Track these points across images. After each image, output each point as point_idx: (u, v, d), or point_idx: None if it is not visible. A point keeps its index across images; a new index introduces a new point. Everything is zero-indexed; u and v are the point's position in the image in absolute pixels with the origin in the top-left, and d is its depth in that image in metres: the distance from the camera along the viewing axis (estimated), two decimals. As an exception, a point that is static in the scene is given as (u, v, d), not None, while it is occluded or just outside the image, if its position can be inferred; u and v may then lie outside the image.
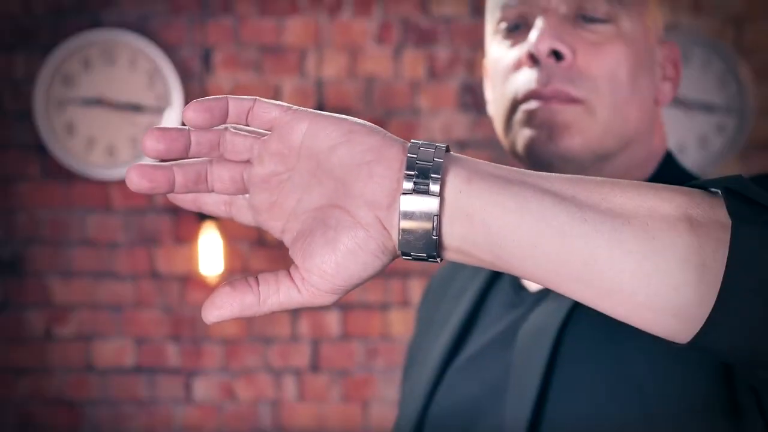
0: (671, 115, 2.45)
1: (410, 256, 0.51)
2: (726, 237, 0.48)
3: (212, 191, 0.55)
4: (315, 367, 2.57)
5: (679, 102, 2.47)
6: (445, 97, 2.56)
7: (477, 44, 2.53)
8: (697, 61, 2.48)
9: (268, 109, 0.53)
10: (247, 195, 0.55)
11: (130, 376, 2.56)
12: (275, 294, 0.53)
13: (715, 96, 2.49)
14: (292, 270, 0.53)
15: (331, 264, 0.51)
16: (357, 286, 0.52)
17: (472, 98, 2.55)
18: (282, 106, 0.53)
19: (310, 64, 2.56)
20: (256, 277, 0.53)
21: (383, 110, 2.55)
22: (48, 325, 2.56)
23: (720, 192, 0.51)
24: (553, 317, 0.77)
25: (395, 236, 0.51)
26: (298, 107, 0.53)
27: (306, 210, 0.53)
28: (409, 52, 2.56)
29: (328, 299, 0.53)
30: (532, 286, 0.84)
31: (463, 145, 2.53)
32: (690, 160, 2.48)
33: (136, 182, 0.51)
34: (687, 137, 2.50)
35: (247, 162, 0.54)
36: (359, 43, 2.56)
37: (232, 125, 0.54)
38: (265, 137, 0.53)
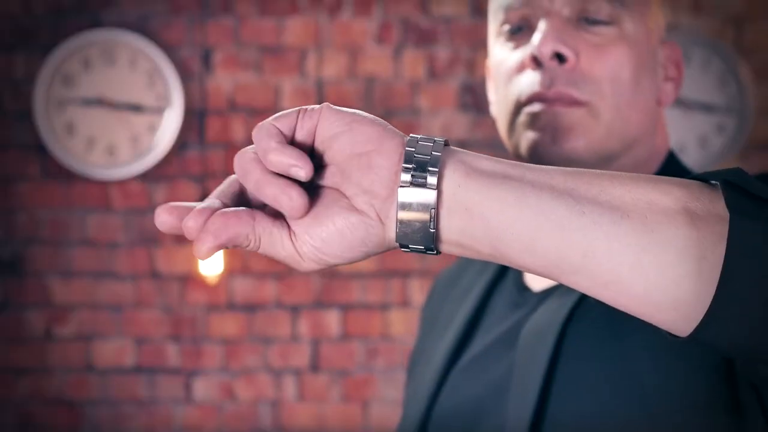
0: (671, 115, 2.45)
1: (408, 248, 0.52)
2: (725, 230, 0.48)
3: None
4: (315, 367, 2.57)
5: (679, 102, 2.47)
6: (445, 97, 2.56)
7: (477, 44, 2.53)
8: (697, 61, 2.48)
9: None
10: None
11: (130, 376, 2.56)
12: (268, 234, 0.52)
13: (715, 96, 2.49)
14: (290, 221, 0.53)
15: (317, 239, 0.51)
16: (339, 264, 0.53)
17: (472, 98, 2.55)
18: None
19: (310, 64, 2.56)
20: (254, 212, 0.52)
21: (383, 110, 2.55)
22: (48, 325, 2.56)
23: (719, 185, 0.51)
24: (555, 315, 0.77)
25: (393, 228, 0.51)
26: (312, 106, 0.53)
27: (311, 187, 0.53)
28: (409, 52, 2.56)
29: (306, 266, 0.53)
30: (536, 286, 0.85)
31: (463, 145, 2.52)
32: (690, 160, 2.49)
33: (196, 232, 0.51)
34: (687, 137, 2.50)
35: None
36: (359, 43, 2.56)
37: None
38: None
